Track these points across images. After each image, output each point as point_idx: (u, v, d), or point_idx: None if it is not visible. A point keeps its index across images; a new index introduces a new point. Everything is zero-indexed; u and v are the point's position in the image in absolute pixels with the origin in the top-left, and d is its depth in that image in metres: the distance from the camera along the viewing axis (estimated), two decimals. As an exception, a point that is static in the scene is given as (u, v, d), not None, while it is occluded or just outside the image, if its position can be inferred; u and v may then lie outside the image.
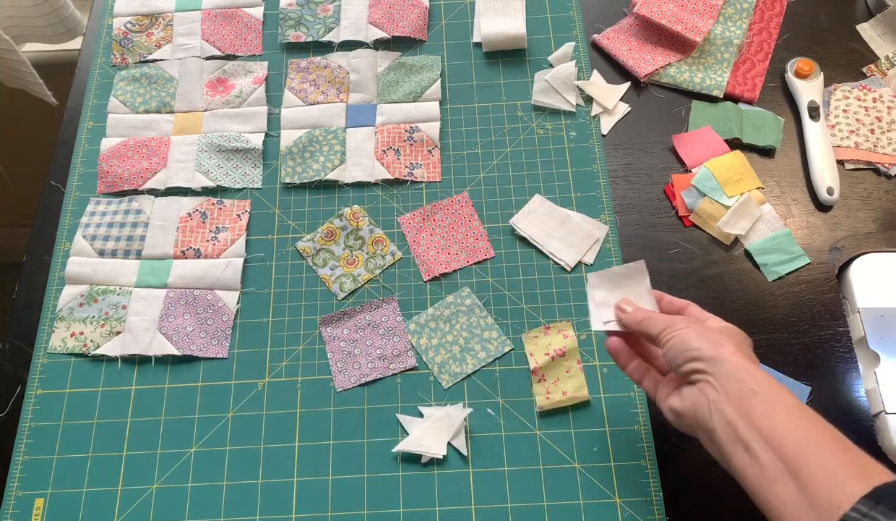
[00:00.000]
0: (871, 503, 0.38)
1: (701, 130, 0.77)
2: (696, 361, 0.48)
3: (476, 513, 0.62)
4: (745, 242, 0.72)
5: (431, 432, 0.64)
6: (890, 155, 0.76)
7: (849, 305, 0.70)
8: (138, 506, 0.63)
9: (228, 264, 0.73)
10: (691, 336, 0.49)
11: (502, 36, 0.82)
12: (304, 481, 0.64)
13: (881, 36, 0.83)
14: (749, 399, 0.44)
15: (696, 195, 0.73)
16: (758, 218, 0.72)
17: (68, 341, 0.70)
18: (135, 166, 0.78)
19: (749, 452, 0.43)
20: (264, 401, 0.67)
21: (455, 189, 0.77)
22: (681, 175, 0.75)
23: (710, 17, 0.82)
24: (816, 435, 0.42)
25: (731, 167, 0.74)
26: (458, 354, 0.68)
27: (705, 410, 0.46)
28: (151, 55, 0.85)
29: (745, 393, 0.44)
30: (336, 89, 0.82)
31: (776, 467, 0.42)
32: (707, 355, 0.47)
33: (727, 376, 0.46)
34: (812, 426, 0.43)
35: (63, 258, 0.74)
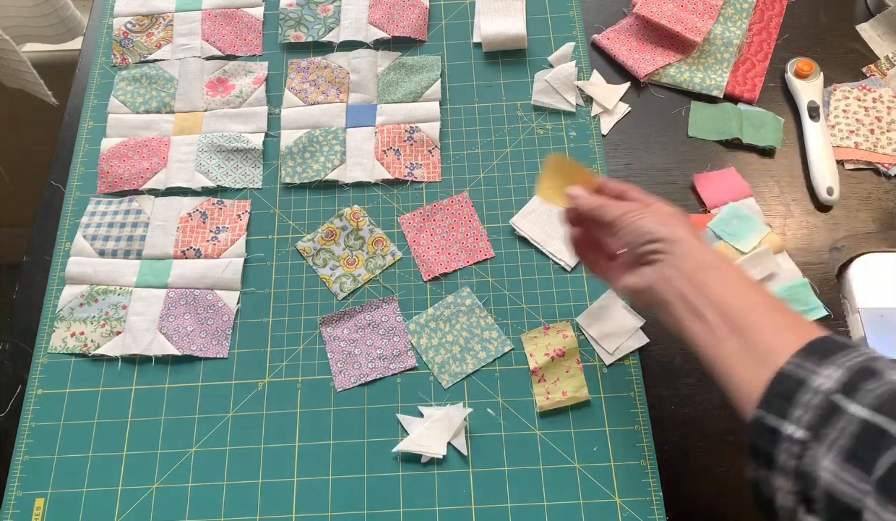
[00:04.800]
0: (804, 354, 0.42)
1: (724, 171, 0.76)
2: (655, 242, 0.52)
3: (476, 513, 0.62)
4: None
5: (431, 432, 0.64)
6: (890, 155, 0.76)
7: (849, 305, 0.70)
8: (138, 506, 0.63)
9: (228, 264, 0.73)
10: (648, 221, 0.53)
11: (502, 36, 0.82)
12: (304, 481, 0.64)
13: (881, 36, 0.83)
14: (703, 273, 0.49)
15: (712, 238, 0.71)
16: (771, 274, 0.70)
17: (68, 341, 0.70)
18: (135, 166, 0.78)
19: (701, 319, 0.48)
20: (264, 401, 0.67)
21: (455, 189, 0.77)
22: (699, 215, 0.73)
23: (710, 17, 0.82)
24: (761, 299, 0.47)
25: None
26: (458, 354, 0.68)
27: (661, 285, 0.51)
28: (151, 55, 0.86)
29: (701, 267, 0.50)
30: (336, 89, 0.82)
31: (724, 328, 0.47)
32: (664, 236, 0.52)
33: (683, 255, 0.51)
34: (756, 293, 0.48)
35: (63, 258, 0.74)
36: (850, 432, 0.38)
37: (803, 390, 0.41)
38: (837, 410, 0.39)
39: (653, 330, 0.68)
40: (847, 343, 0.43)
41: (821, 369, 0.41)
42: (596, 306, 0.69)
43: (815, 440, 0.39)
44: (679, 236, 0.51)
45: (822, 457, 0.39)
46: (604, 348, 0.67)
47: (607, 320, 0.68)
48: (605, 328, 0.68)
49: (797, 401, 0.41)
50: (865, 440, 0.38)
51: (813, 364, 0.42)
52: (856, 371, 0.40)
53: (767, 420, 0.42)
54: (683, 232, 0.52)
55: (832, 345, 0.43)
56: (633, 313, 0.69)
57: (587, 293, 0.70)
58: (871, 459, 0.37)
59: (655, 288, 0.52)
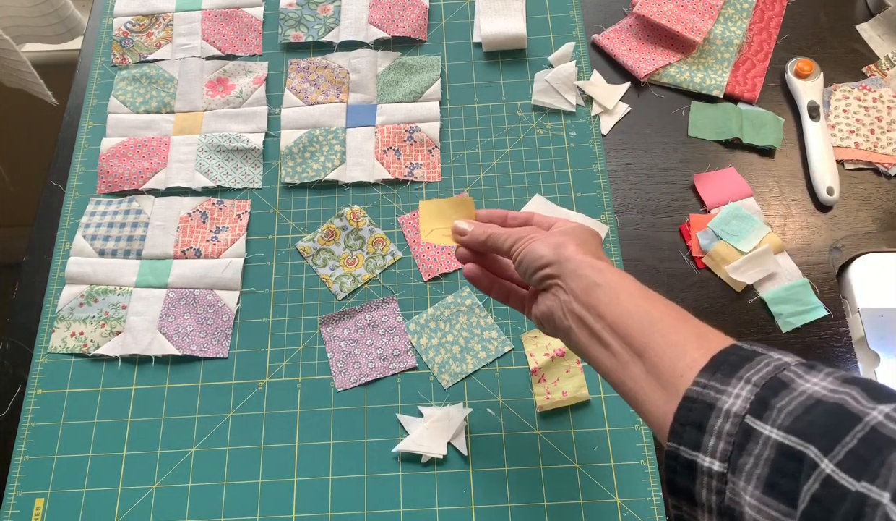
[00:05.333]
0: (710, 372, 0.38)
1: (724, 171, 0.76)
2: (545, 267, 0.48)
3: (476, 513, 0.62)
4: (760, 289, 0.70)
5: (431, 432, 0.64)
6: (890, 155, 0.76)
7: (849, 305, 0.70)
8: (138, 506, 0.63)
9: (228, 264, 0.73)
10: (536, 245, 0.49)
11: (502, 36, 0.82)
12: (304, 481, 0.64)
13: (881, 36, 0.83)
14: (594, 292, 0.45)
15: (712, 237, 0.72)
16: (771, 274, 0.70)
17: (68, 341, 0.70)
18: (135, 166, 0.78)
19: (601, 343, 0.44)
20: (264, 401, 0.67)
21: (455, 189, 0.77)
22: (698, 215, 0.73)
23: (710, 17, 0.82)
24: (658, 314, 0.43)
25: None
26: (458, 354, 0.68)
27: (559, 312, 0.47)
28: (151, 55, 0.86)
29: (590, 287, 0.45)
30: (336, 89, 0.82)
31: (626, 351, 0.43)
32: (552, 259, 0.48)
33: (571, 275, 0.47)
34: (654, 307, 0.44)
35: (63, 258, 0.74)
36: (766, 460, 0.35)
37: (713, 415, 0.37)
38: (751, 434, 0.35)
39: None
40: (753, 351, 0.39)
41: (728, 387, 0.37)
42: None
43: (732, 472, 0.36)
44: (567, 256, 0.48)
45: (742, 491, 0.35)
46: None
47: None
48: None
49: (708, 428, 0.37)
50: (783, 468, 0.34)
51: (719, 383, 0.38)
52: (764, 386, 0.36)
53: (682, 454, 0.38)
54: (573, 251, 0.48)
55: (737, 357, 0.39)
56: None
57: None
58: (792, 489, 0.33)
59: (554, 315, 0.48)
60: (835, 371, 0.37)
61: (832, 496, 0.31)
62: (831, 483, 0.32)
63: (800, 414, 0.35)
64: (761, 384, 0.36)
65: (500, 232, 0.53)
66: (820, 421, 0.34)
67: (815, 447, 0.33)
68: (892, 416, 0.32)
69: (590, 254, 0.48)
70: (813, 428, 0.34)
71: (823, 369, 0.37)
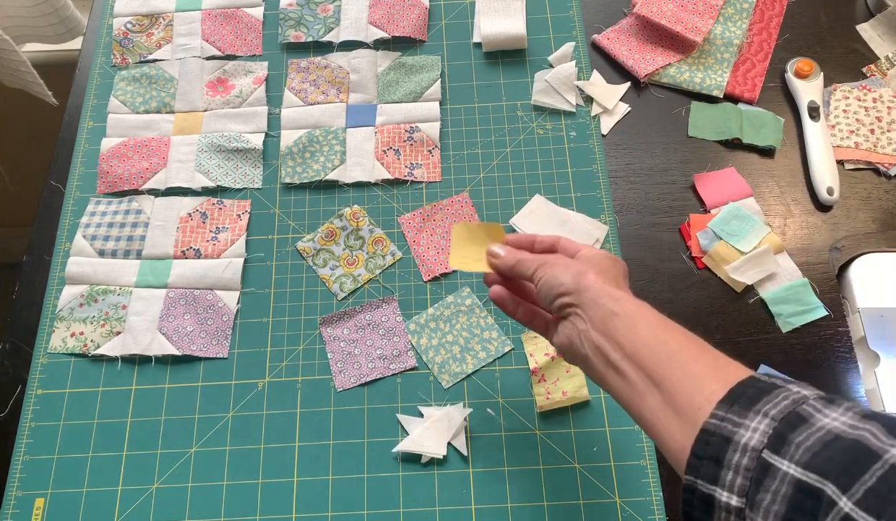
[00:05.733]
0: (727, 404, 0.38)
1: (724, 171, 0.76)
2: (564, 295, 0.49)
3: (476, 513, 0.62)
4: (760, 289, 0.70)
5: (431, 432, 0.64)
6: (890, 155, 0.76)
7: (849, 305, 0.70)
8: (138, 506, 0.63)
9: (228, 263, 0.73)
10: (557, 272, 0.50)
11: (502, 36, 0.82)
12: (304, 481, 0.64)
13: (881, 36, 0.83)
14: (611, 321, 0.45)
15: (712, 237, 0.72)
16: (771, 274, 0.70)
17: (68, 341, 0.70)
18: (135, 166, 0.78)
19: (618, 372, 0.45)
20: (264, 401, 0.67)
21: (455, 189, 0.77)
22: (698, 215, 0.73)
23: (710, 17, 0.82)
24: (676, 345, 0.43)
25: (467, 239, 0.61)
26: (458, 354, 0.68)
27: (577, 340, 0.48)
28: (151, 55, 0.85)
29: (607, 316, 0.46)
30: (336, 89, 0.82)
31: (643, 381, 0.43)
32: (571, 287, 0.48)
33: (590, 304, 0.47)
34: (672, 338, 0.44)
35: (63, 258, 0.74)
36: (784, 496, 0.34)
37: (731, 449, 0.37)
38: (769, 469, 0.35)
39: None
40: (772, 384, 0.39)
41: (746, 421, 0.37)
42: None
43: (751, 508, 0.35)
44: (586, 285, 0.48)
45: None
46: None
47: None
48: None
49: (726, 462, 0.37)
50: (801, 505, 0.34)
51: (736, 416, 0.38)
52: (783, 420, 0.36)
53: (699, 487, 0.38)
54: (592, 280, 0.48)
55: (755, 389, 0.39)
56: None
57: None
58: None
59: (573, 343, 0.48)
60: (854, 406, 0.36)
61: None
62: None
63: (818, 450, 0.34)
64: (779, 419, 0.36)
65: (527, 257, 0.53)
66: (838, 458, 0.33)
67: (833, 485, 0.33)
68: None
69: (610, 283, 0.48)
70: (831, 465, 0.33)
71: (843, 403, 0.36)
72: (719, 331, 0.69)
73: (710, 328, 0.69)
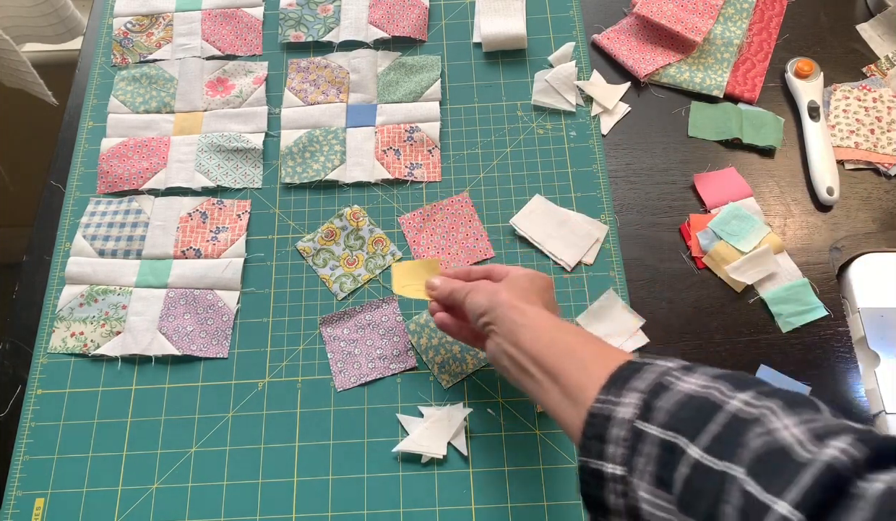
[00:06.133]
0: (608, 388, 0.43)
1: (724, 171, 0.76)
2: (483, 315, 0.55)
3: (476, 513, 0.62)
4: (760, 289, 0.70)
5: (431, 432, 0.64)
6: (890, 155, 0.76)
7: (849, 305, 0.70)
8: (138, 506, 0.63)
9: (228, 264, 0.73)
10: (477, 296, 0.56)
11: (502, 36, 0.82)
12: (304, 481, 0.64)
13: (881, 36, 0.83)
14: (518, 331, 0.52)
15: (712, 237, 0.71)
16: (771, 274, 0.70)
17: (68, 341, 0.70)
18: (135, 166, 0.78)
19: (527, 374, 0.51)
20: (264, 401, 0.67)
21: (455, 189, 0.77)
22: (698, 215, 0.73)
23: (710, 17, 0.82)
24: (568, 344, 0.49)
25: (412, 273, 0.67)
26: (458, 354, 0.68)
27: (497, 352, 0.54)
28: (151, 55, 0.85)
29: (514, 328, 0.52)
30: (336, 89, 0.82)
31: (545, 378, 0.49)
32: (487, 307, 0.55)
33: (502, 319, 0.53)
34: (565, 337, 0.50)
35: (63, 258, 0.74)
36: (651, 456, 0.39)
37: (611, 426, 0.41)
38: (640, 435, 0.39)
39: (653, 330, 0.69)
40: (643, 363, 0.43)
41: (622, 399, 0.41)
42: (596, 306, 0.69)
43: (630, 473, 0.39)
44: (496, 302, 0.54)
45: (637, 488, 0.39)
46: None
47: (607, 320, 0.68)
48: (605, 328, 0.68)
49: (608, 438, 0.41)
50: (664, 460, 0.38)
51: (615, 396, 0.42)
52: (649, 391, 0.41)
53: (590, 465, 0.42)
54: (503, 298, 0.54)
55: (630, 371, 0.43)
56: (633, 313, 0.69)
57: (587, 293, 0.71)
58: (670, 478, 0.37)
59: (495, 355, 0.54)
60: (710, 370, 0.41)
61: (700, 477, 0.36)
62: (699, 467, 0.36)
63: (674, 410, 0.39)
64: (647, 391, 0.41)
65: (458, 286, 0.60)
66: (689, 414, 0.38)
67: (684, 437, 0.37)
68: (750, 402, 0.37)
69: (519, 299, 0.54)
70: (683, 421, 0.38)
71: (700, 369, 0.41)
72: (719, 331, 0.69)
73: (710, 328, 0.69)
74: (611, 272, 0.71)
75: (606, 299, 0.69)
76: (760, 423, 0.35)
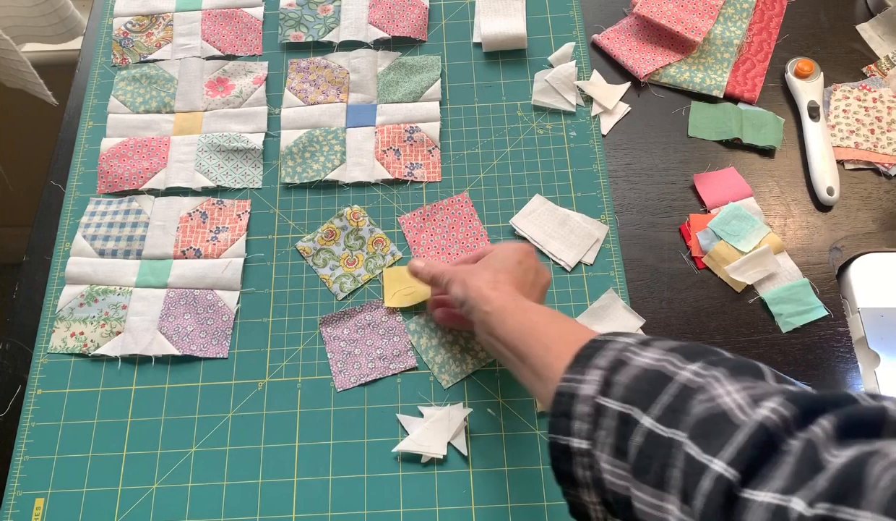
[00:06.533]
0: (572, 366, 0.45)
1: (724, 171, 0.76)
2: (461, 306, 0.59)
3: (476, 513, 0.62)
4: (760, 289, 0.70)
5: (431, 432, 0.64)
6: (890, 155, 0.76)
7: (849, 305, 0.70)
8: (138, 506, 0.63)
9: (228, 263, 0.73)
10: (454, 287, 0.59)
11: (502, 36, 0.82)
12: (304, 481, 0.64)
13: (881, 36, 0.83)
14: (487, 319, 0.55)
15: (712, 237, 0.71)
16: (771, 274, 0.70)
17: (68, 341, 0.70)
18: (135, 166, 0.78)
19: (504, 356, 0.54)
20: (264, 401, 0.67)
21: (455, 189, 0.77)
22: (699, 215, 0.73)
23: (710, 17, 0.82)
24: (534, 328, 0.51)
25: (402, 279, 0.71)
26: (458, 354, 0.68)
27: (480, 337, 0.58)
28: (151, 55, 0.85)
29: (484, 317, 0.55)
30: (336, 89, 0.82)
31: (517, 359, 0.52)
32: (462, 298, 0.58)
33: (473, 310, 0.56)
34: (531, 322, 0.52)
35: (63, 258, 0.74)
36: (612, 429, 0.41)
37: (576, 403, 0.43)
38: (601, 410, 0.41)
39: (653, 330, 0.68)
40: (605, 340, 0.45)
41: (586, 376, 0.43)
42: (596, 306, 0.69)
43: (594, 446, 0.42)
44: (467, 295, 0.57)
45: (599, 460, 0.41)
46: None
47: (607, 320, 0.68)
48: (605, 328, 0.68)
49: (574, 414, 0.43)
50: (621, 432, 0.40)
51: (579, 374, 0.44)
52: (609, 368, 0.43)
53: (559, 441, 0.44)
54: (472, 289, 0.57)
55: (592, 348, 0.45)
56: (633, 313, 0.69)
57: (587, 293, 0.70)
58: (626, 447, 0.40)
59: (480, 339, 0.58)
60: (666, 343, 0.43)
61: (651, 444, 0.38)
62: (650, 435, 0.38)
63: (630, 384, 0.41)
64: (607, 367, 0.43)
65: (439, 272, 0.63)
66: (642, 387, 0.40)
67: (637, 408, 0.40)
68: (698, 372, 0.39)
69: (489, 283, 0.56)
70: (637, 393, 0.40)
71: (657, 342, 0.43)
72: (719, 331, 0.69)
73: (710, 328, 0.69)
74: (611, 272, 0.71)
75: (606, 298, 0.69)
76: (705, 390, 0.37)
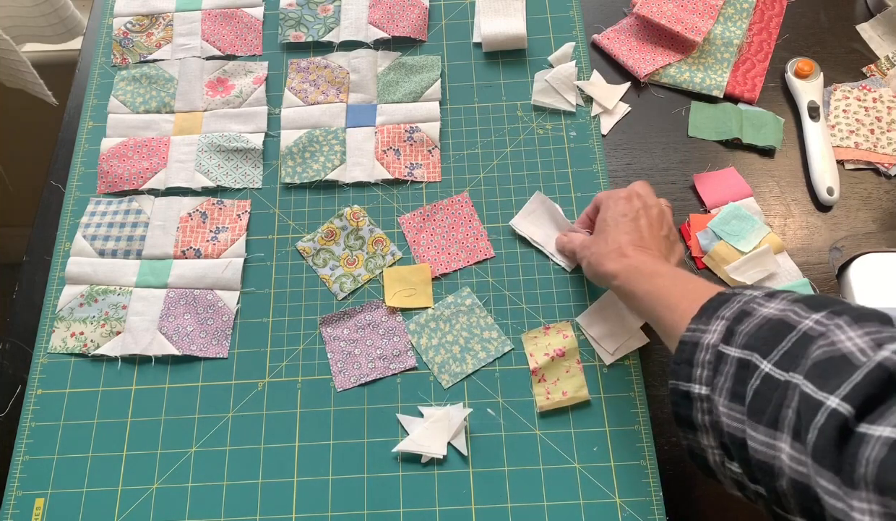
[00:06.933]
0: (697, 318, 0.48)
1: (724, 171, 0.76)
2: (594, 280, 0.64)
3: (476, 513, 0.62)
4: None
5: (431, 432, 0.64)
6: (890, 155, 0.76)
7: (849, 305, 0.70)
8: (138, 506, 0.63)
9: (228, 263, 0.73)
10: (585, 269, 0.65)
11: (502, 36, 0.82)
12: (304, 481, 0.64)
13: (881, 36, 0.83)
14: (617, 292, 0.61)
15: (712, 237, 0.71)
16: (771, 274, 0.70)
17: (68, 341, 0.70)
18: (135, 166, 0.78)
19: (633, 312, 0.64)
20: (264, 401, 0.67)
21: (455, 189, 0.77)
22: (698, 215, 0.73)
23: (710, 17, 0.82)
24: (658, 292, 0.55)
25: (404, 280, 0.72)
26: (458, 354, 0.68)
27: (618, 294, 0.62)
28: (151, 55, 0.85)
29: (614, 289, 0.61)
30: (336, 89, 0.82)
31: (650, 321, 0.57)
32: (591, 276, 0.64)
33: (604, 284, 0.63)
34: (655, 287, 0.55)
35: (63, 258, 0.74)
36: (730, 374, 0.43)
37: (698, 351, 0.46)
38: (722, 357, 0.44)
39: (653, 330, 0.68)
40: (732, 293, 0.48)
41: (710, 327, 0.46)
42: (596, 305, 0.69)
43: (713, 391, 0.44)
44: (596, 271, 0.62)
45: (717, 404, 0.43)
46: (604, 348, 0.67)
47: (607, 320, 0.68)
48: (605, 328, 0.68)
49: (696, 361, 0.46)
50: (740, 376, 0.42)
51: (703, 325, 0.47)
52: (734, 318, 0.45)
53: (680, 387, 0.47)
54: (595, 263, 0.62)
55: (718, 301, 0.48)
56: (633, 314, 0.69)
57: (587, 293, 0.70)
58: (744, 391, 0.42)
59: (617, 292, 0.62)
60: (792, 294, 0.45)
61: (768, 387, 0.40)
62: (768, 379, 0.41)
63: (753, 332, 0.43)
64: (731, 318, 0.45)
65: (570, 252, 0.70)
66: (764, 335, 0.43)
67: (758, 354, 0.42)
68: (821, 321, 0.40)
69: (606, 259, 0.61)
70: (759, 341, 0.43)
71: (781, 294, 0.45)
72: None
73: (710, 328, 0.69)
74: (611, 272, 0.71)
75: (606, 298, 0.69)
76: (826, 336, 0.39)
